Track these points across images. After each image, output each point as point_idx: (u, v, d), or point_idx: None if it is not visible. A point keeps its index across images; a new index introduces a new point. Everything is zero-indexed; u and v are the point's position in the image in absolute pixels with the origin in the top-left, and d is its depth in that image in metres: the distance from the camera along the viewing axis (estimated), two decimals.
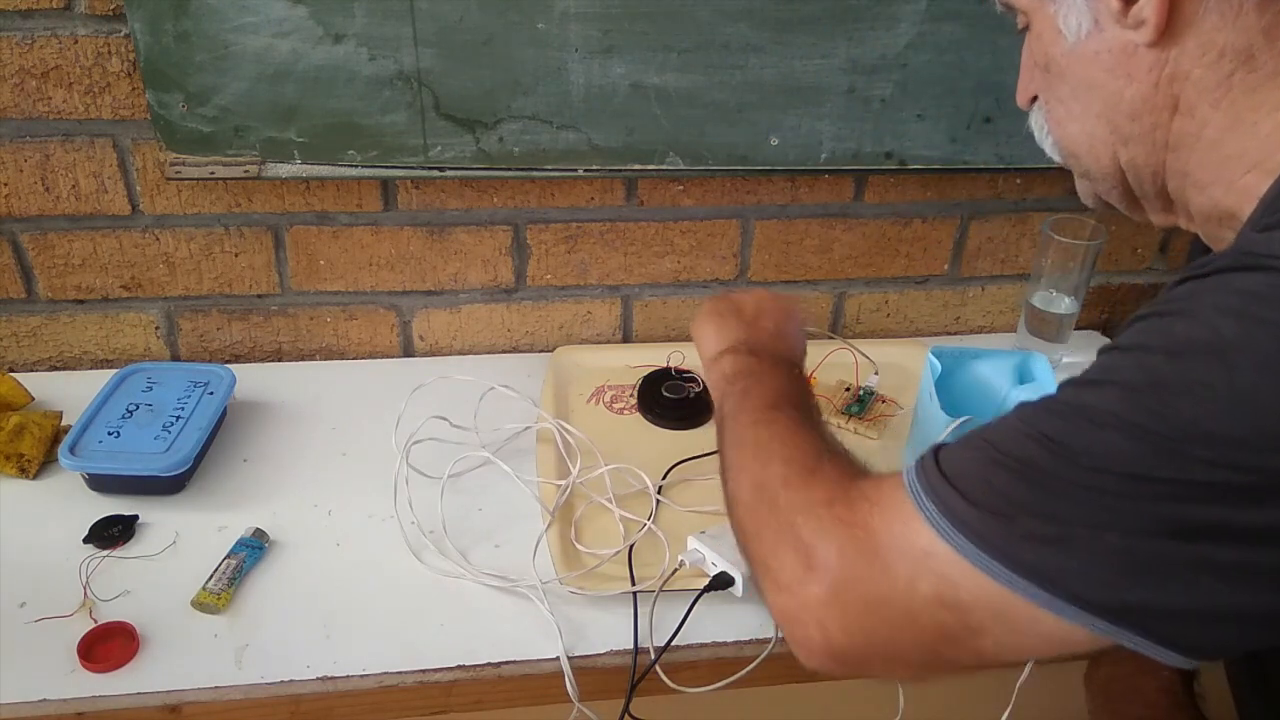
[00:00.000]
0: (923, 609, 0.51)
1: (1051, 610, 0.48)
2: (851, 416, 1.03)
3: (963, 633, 0.51)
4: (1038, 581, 0.47)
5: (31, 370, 1.11)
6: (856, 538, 0.54)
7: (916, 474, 0.53)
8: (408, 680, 0.77)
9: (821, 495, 0.57)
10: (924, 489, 0.52)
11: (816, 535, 0.55)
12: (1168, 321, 0.48)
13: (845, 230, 1.15)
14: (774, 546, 0.58)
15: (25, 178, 1.00)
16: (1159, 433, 0.45)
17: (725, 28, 0.95)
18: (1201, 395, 0.45)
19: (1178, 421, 0.45)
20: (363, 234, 1.08)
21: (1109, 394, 0.48)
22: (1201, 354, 0.46)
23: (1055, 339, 1.11)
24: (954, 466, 0.52)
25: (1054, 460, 0.48)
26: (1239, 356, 0.44)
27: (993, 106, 1.03)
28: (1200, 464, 0.44)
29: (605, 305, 1.17)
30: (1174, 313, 0.48)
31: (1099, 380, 0.50)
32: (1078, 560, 0.47)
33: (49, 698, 0.73)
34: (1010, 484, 0.49)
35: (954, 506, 0.50)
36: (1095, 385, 0.49)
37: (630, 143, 1.01)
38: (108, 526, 0.87)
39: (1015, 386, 0.88)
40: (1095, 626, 0.47)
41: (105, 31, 0.93)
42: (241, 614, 0.81)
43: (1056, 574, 0.47)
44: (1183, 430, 0.45)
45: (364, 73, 0.94)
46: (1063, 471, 0.48)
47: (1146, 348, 0.48)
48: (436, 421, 0.97)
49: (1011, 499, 0.49)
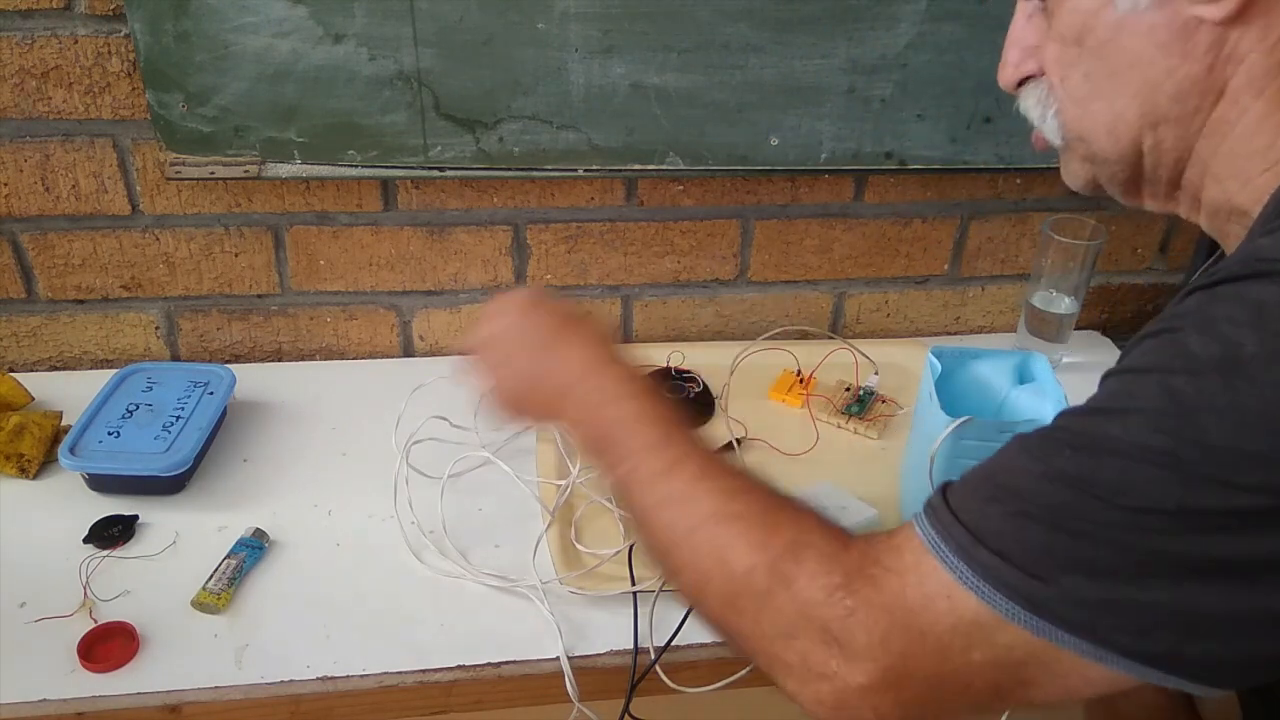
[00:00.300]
0: (977, 675, 0.50)
1: (1104, 664, 0.46)
2: (851, 416, 1.03)
3: (1015, 687, 0.50)
4: (1090, 639, 0.46)
5: (31, 370, 1.11)
6: (897, 620, 0.51)
7: (940, 536, 0.50)
8: (408, 680, 0.77)
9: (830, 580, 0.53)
10: (955, 553, 0.49)
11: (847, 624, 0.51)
12: (1181, 338, 0.46)
13: (845, 230, 1.15)
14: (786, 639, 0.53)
15: (25, 178, 1.00)
16: (1194, 460, 0.43)
17: (725, 28, 0.95)
18: (1232, 416, 0.43)
19: (1210, 445, 0.43)
20: (363, 234, 1.08)
21: (1133, 423, 0.46)
22: (1223, 370, 0.44)
23: (1055, 339, 1.11)
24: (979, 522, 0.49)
25: (1087, 504, 0.46)
26: (1261, 370, 0.43)
27: (993, 106, 1.03)
28: (1239, 490, 0.43)
29: (605, 305, 1.17)
30: (1186, 328, 0.47)
31: (1117, 409, 0.47)
32: (1129, 617, 0.45)
33: (49, 698, 0.73)
34: (1047, 538, 0.47)
35: (993, 569, 0.48)
36: (1115, 415, 0.47)
37: (630, 143, 1.01)
38: (108, 526, 0.87)
39: (1015, 386, 0.88)
40: (1148, 676, 0.46)
41: (105, 31, 0.93)
42: (241, 614, 0.81)
43: (1109, 631, 0.46)
44: (1216, 455, 0.43)
45: (364, 73, 0.94)
46: (1099, 516, 0.45)
47: (1165, 369, 0.46)
48: (436, 421, 0.97)
49: (1052, 555, 0.47)
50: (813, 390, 1.07)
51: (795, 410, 1.05)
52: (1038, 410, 0.84)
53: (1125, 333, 1.24)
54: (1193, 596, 0.44)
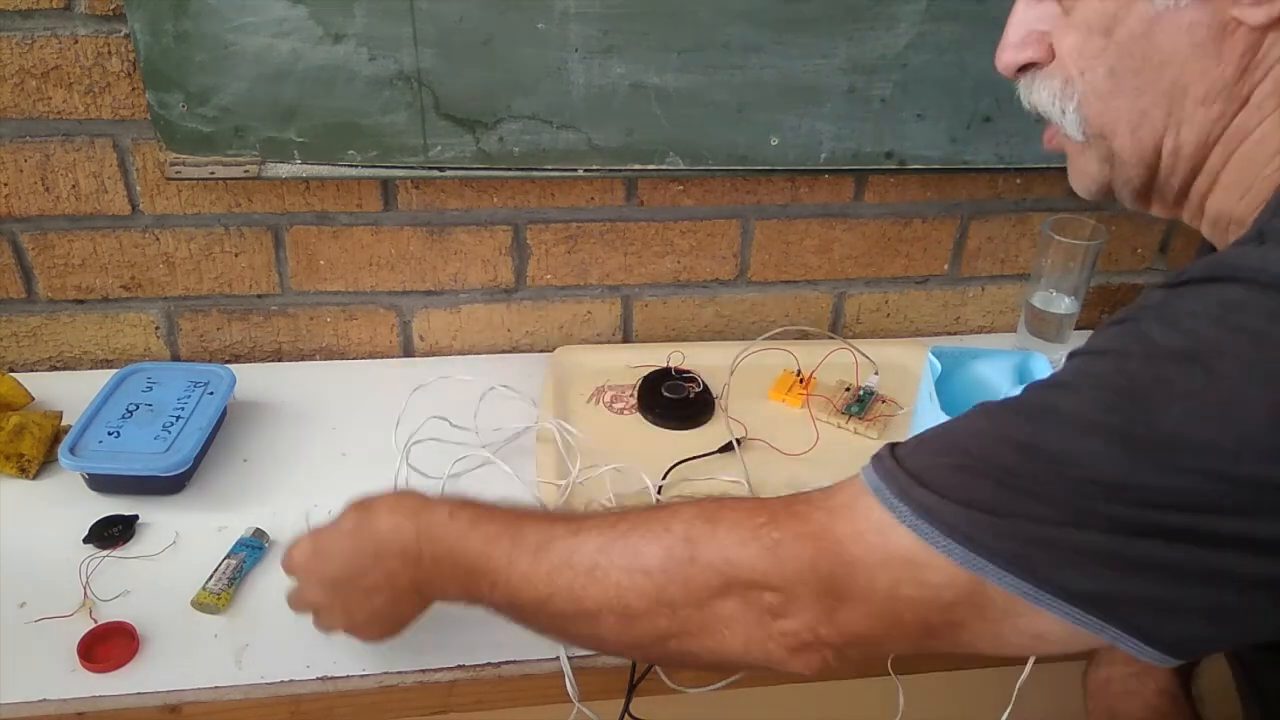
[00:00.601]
0: (906, 610, 0.51)
1: (1032, 600, 0.47)
2: (851, 416, 1.03)
3: (944, 627, 0.51)
4: (1018, 572, 0.47)
5: (31, 370, 1.11)
6: (825, 549, 0.51)
7: (882, 478, 0.51)
8: (408, 680, 0.77)
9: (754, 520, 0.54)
10: (895, 492, 0.50)
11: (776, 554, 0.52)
12: (1144, 327, 0.48)
13: (845, 230, 1.15)
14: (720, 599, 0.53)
15: (25, 178, 1.00)
16: (1141, 439, 0.45)
17: (725, 28, 0.95)
18: (1183, 402, 0.44)
19: (1160, 428, 0.44)
20: (363, 234, 1.08)
21: (1086, 399, 0.47)
22: (1182, 360, 0.45)
23: (1055, 339, 1.11)
24: (923, 469, 0.51)
25: (1032, 467, 0.47)
26: (1220, 363, 0.44)
27: (993, 106, 1.03)
28: (1182, 472, 0.44)
29: (605, 305, 1.17)
30: (1149, 319, 0.48)
31: (1073, 384, 0.48)
32: (1059, 552, 0.46)
33: (49, 698, 0.73)
34: (989, 490, 0.48)
35: (931, 506, 0.49)
36: (1069, 389, 0.48)
37: (630, 143, 1.01)
38: (108, 526, 0.87)
39: (1015, 386, 0.88)
40: (1072, 616, 0.47)
41: (105, 31, 0.93)
42: (241, 614, 0.81)
43: (1038, 565, 0.47)
44: (1165, 438, 0.44)
45: (364, 73, 0.94)
46: (1043, 477, 0.47)
47: (1123, 353, 0.47)
48: (436, 421, 0.97)
49: (992, 502, 0.48)
50: (813, 390, 1.07)
51: (795, 410, 1.05)
52: None
53: None
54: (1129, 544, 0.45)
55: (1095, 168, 0.60)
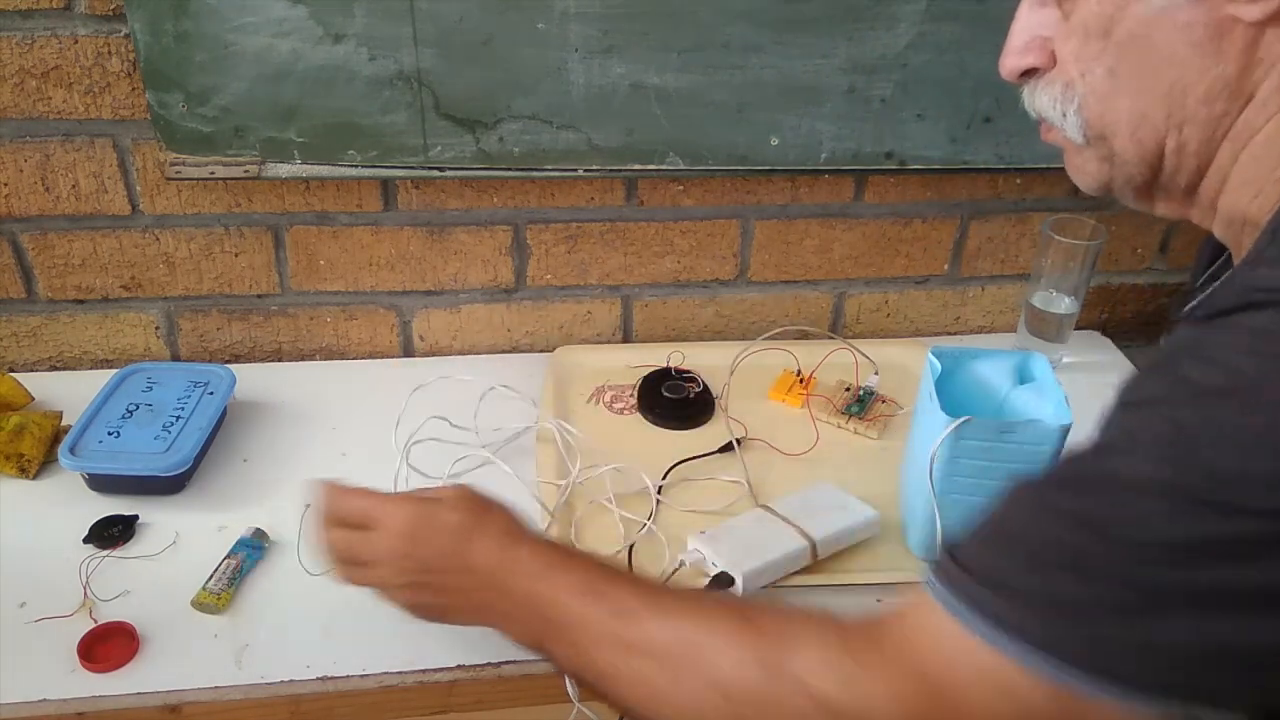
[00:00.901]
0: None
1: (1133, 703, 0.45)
2: (851, 416, 1.03)
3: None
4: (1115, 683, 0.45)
5: (31, 370, 1.11)
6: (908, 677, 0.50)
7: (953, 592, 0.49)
8: (408, 680, 0.77)
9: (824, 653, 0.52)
10: (969, 606, 0.48)
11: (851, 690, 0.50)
12: (1180, 369, 0.46)
13: (845, 230, 1.15)
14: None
15: (25, 178, 1.00)
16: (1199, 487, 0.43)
17: (725, 28, 0.95)
18: (1233, 439, 0.43)
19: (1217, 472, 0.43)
20: (363, 234, 1.08)
21: (1138, 457, 0.45)
22: (1226, 397, 0.44)
23: (1055, 339, 1.11)
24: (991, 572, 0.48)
25: (1100, 544, 0.45)
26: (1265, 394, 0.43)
27: (993, 106, 1.03)
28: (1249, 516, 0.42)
29: (605, 305, 1.17)
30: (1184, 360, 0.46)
31: (1121, 445, 0.47)
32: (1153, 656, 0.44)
33: (49, 698, 0.73)
34: (1063, 581, 0.46)
35: (1011, 620, 0.47)
36: (1119, 452, 0.47)
37: (630, 143, 1.01)
38: (108, 526, 0.87)
39: (1015, 386, 0.88)
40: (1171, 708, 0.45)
41: (105, 31, 0.93)
42: (241, 614, 0.81)
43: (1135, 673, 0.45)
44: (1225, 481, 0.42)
45: (364, 73, 0.94)
46: (1115, 554, 0.45)
47: (1167, 400, 0.46)
48: (436, 421, 0.97)
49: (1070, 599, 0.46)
50: (813, 390, 1.07)
51: (795, 410, 1.05)
52: (1038, 410, 0.84)
53: (1126, 333, 1.24)
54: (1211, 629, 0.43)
55: (1094, 166, 0.59)
